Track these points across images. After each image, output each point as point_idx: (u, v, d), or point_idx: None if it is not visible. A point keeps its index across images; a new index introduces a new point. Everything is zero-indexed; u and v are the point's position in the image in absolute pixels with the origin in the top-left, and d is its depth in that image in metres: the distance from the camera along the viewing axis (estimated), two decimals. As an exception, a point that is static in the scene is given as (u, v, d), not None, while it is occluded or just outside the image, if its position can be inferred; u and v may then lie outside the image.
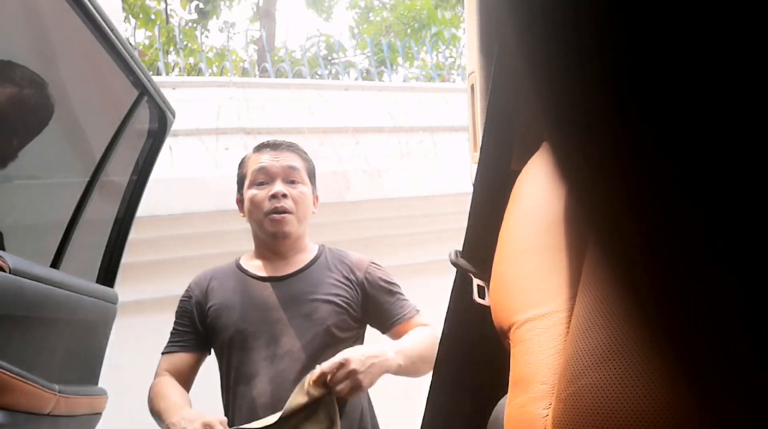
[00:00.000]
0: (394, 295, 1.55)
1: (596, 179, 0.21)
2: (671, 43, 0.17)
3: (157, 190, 2.45)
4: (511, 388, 0.48)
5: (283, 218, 1.51)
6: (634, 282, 0.23)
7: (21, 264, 1.08)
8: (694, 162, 0.18)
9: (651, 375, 0.35)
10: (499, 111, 0.69)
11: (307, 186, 1.57)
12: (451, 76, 5.02)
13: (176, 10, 8.20)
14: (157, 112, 1.65)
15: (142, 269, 2.78)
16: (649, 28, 0.17)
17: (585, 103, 0.20)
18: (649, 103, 0.18)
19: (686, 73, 0.17)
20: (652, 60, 0.17)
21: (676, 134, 0.18)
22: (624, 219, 0.21)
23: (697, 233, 0.19)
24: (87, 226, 1.52)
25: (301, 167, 1.57)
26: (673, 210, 0.19)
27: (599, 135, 0.20)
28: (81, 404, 1.38)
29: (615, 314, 0.39)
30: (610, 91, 0.19)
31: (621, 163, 0.20)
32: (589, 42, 0.19)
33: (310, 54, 5.90)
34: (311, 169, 1.62)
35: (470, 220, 0.72)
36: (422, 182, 3.39)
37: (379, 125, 3.52)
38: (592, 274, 0.44)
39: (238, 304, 1.49)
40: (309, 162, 1.62)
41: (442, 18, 7.28)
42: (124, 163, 1.65)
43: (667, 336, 0.22)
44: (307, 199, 1.56)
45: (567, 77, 0.20)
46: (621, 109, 0.19)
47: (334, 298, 1.49)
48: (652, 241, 0.21)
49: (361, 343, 1.55)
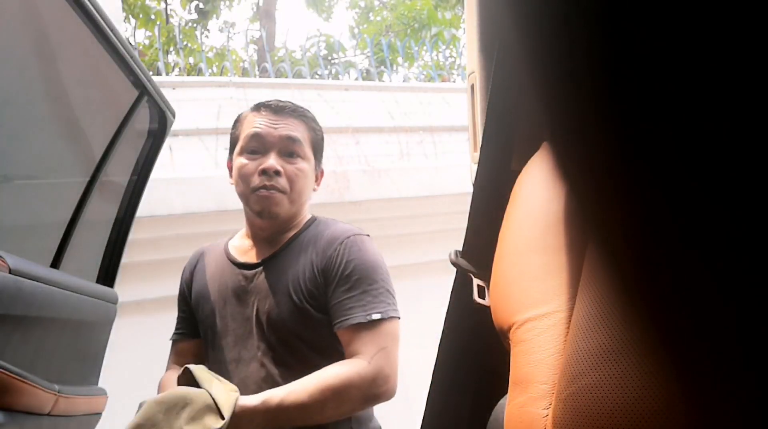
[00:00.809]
0: (355, 287, 1.19)
1: (596, 180, 0.21)
2: (670, 45, 0.17)
3: (157, 190, 2.45)
4: (511, 388, 0.48)
5: (272, 196, 1.26)
6: (633, 283, 0.23)
7: (21, 264, 1.08)
8: (694, 163, 0.18)
9: (650, 375, 0.35)
10: (499, 111, 0.69)
11: (308, 161, 1.30)
12: (451, 76, 5.02)
13: (176, 10, 8.20)
14: (157, 112, 1.65)
15: (142, 269, 2.78)
16: (647, 29, 0.17)
17: (584, 103, 0.20)
18: (649, 104, 0.18)
19: (685, 75, 0.17)
20: (651, 61, 0.17)
21: (677, 135, 0.18)
22: (623, 220, 0.21)
23: (696, 235, 0.19)
24: (87, 226, 1.52)
25: (303, 138, 1.30)
26: (672, 211, 0.19)
27: (599, 135, 0.20)
28: (81, 404, 1.37)
29: (615, 315, 0.39)
30: (610, 92, 0.19)
31: (621, 164, 0.20)
32: (588, 43, 0.19)
33: (310, 54, 5.90)
34: (317, 139, 1.34)
35: (470, 220, 0.72)
36: (422, 182, 3.39)
37: (379, 125, 3.52)
38: (592, 274, 0.44)
39: (215, 294, 1.30)
40: (316, 131, 1.34)
41: (442, 18, 7.28)
42: (124, 163, 1.65)
43: (665, 337, 0.22)
44: (305, 177, 1.29)
45: (567, 78, 0.20)
46: (621, 110, 0.19)
47: (293, 293, 1.21)
48: (651, 242, 0.21)
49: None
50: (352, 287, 1.20)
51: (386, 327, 1.19)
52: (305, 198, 1.32)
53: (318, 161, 1.36)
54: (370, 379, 1.14)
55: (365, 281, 1.20)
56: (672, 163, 0.18)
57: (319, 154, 1.36)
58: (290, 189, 1.27)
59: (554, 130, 0.22)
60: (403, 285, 1.58)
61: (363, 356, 1.15)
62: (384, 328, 1.18)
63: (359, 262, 1.22)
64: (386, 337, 1.18)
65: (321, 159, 1.37)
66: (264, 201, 1.26)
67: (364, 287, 1.20)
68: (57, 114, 1.46)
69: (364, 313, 1.17)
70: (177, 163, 2.91)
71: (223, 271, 1.31)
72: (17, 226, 1.40)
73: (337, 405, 1.13)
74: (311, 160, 1.32)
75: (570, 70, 0.20)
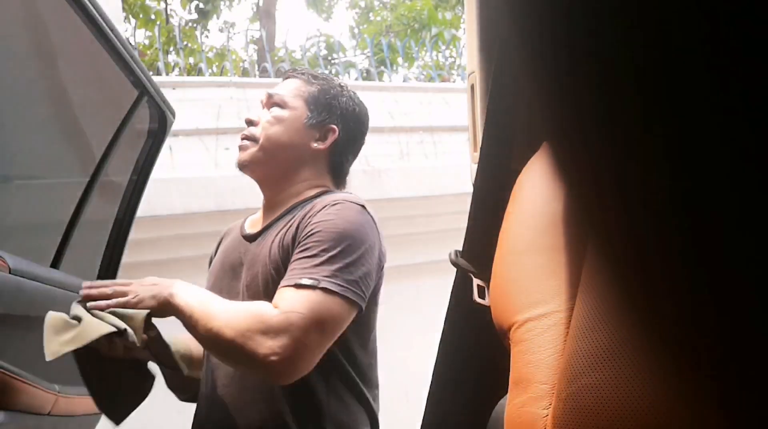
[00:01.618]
0: (308, 250, 1.04)
1: (595, 180, 0.21)
2: (670, 45, 0.17)
3: (157, 190, 2.45)
4: (511, 388, 0.48)
5: (242, 145, 1.20)
6: (632, 283, 0.23)
7: (21, 264, 1.08)
8: (694, 164, 0.18)
9: (650, 375, 0.35)
10: (499, 111, 0.69)
11: (290, 109, 1.21)
12: (451, 76, 5.02)
13: (176, 10, 8.20)
14: (156, 112, 1.65)
15: (142, 269, 2.78)
16: (648, 30, 0.17)
17: (584, 104, 0.20)
18: (650, 105, 0.18)
19: (685, 75, 0.17)
20: (651, 62, 0.17)
21: (677, 136, 0.18)
22: (623, 220, 0.21)
23: (695, 236, 0.19)
24: (87, 226, 1.52)
25: (291, 92, 1.23)
26: (672, 212, 0.19)
27: (599, 136, 0.20)
28: (81, 404, 1.38)
29: (614, 315, 0.39)
30: (609, 93, 0.19)
31: (620, 164, 0.20)
32: (588, 43, 0.19)
33: (310, 54, 5.90)
34: (314, 93, 1.23)
35: (470, 220, 0.72)
36: (422, 182, 3.39)
37: (379, 125, 3.53)
38: (592, 274, 0.44)
39: (220, 269, 1.22)
40: (313, 85, 1.24)
41: (443, 18, 7.29)
42: (124, 163, 1.65)
43: (665, 337, 0.22)
44: (279, 123, 1.19)
45: (567, 78, 0.20)
46: (621, 111, 0.19)
47: (269, 262, 1.10)
48: (650, 242, 0.21)
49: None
50: (305, 250, 1.04)
51: (318, 298, 0.99)
52: (283, 143, 1.20)
53: (317, 113, 1.21)
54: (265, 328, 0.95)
55: (320, 246, 1.03)
56: (672, 165, 0.18)
57: (317, 106, 1.22)
58: (261, 135, 1.18)
59: (554, 131, 0.22)
60: (403, 285, 1.57)
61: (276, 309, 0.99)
62: (314, 297, 0.99)
63: (326, 226, 1.05)
64: (312, 307, 0.98)
65: (329, 113, 1.22)
66: (239, 152, 1.20)
67: (316, 251, 1.03)
68: (57, 114, 1.46)
69: (297, 278, 1.00)
70: (177, 163, 2.91)
71: (233, 245, 1.23)
72: (17, 226, 1.40)
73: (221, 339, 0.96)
74: (297, 109, 1.21)
75: (570, 71, 0.20)
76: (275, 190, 1.21)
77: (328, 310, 0.99)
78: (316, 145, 1.21)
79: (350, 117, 1.25)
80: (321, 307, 0.98)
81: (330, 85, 1.25)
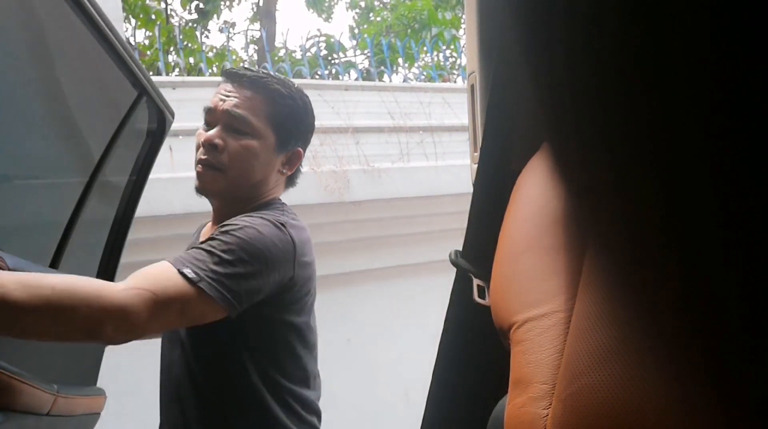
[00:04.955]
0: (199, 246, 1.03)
1: (595, 181, 0.21)
2: (671, 45, 0.17)
3: (157, 190, 2.45)
4: (511, 388, 0.47)
5: (205, 174, 1.13)
6: (632, 283, 0.23)
7: (20, 264, 1.08)
8: (694, 163, 0.18)
9: (651, 376, 0.35)
10: (499, 111, 0.69)
11: (260, 139, 1.14)
12: (452, 76, 5.03)
13: (176, 10, 8.20)
14: (156, 112, 1.65)
15: (142, 269, 2.78)
16: (650, 30, 0.17)
17: (584, 104, 0.20)
18: (650, 105, 0.18)
19: (685, 75, 0.17)
20: (652, 63, 0.17)
21: (677, 136, 0.18)
22: (623, 220, 0.21)
23: (696, 236, 0.19)
24: (86, 226, 1.52)
25: (255, 113, 1.13)
26: (671, 212, 0.19)
27: (598, 136, 0.20)
28: (80, 404, 1.37)
29: (615, 315, 0.39)
30: (609, 93, 0.19)
31: (620, 165, 0.20)
32: (588, 44, 0.19)
33: (310, 54, 5.90)
34: (281, 115, 1.15)
35: (470, 220, 0.72)
36: (422, 182, 3.39)
37: (379, 125, 3.53)
38: (592, 274, 0.44)
39: None
40: (280, 105, 1.16)
41: (443, 19, 7.29)
42: (123, 164, 1.65)
43: (665, 336, 0.22)
44: (252, 156, 1.13)
45: (567, 79, 0.20)
46: (620, 111, 0.19)
47: None
48: (650, 242, 0.21)
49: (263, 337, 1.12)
50: (198, 245, 1.03)
51: (176, 282, 0.95)
52: (255, 179, 1.16)
53: (286, 140, 1.17)
54: (109, 306, 0.89)
55: (212, 243, 1.02)
56: (672, 165, 0.18)
57: (285, 132, 1.17)
58: (229, 166, 1.12)
59: (553, 131, 0.22)
60: (402, 285, 1.57)
61: (122, 283, 0.94)
62: (173, 280, 0.95)
63: (234, 236, 1.02)
64: (166, 287, 0.94)
65: (296, 138, 1.19)
66: (199, 178, 1.15)
67: (205, 247, 1.01)
68: (56, 114, 1.46)
69: (182, 264, 0.97)
70: (177, 163, 2.91)
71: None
72: (17, 226, 1.40)
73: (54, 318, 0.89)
74: (267, 137, 1.15)
75: (570, 71, 0.20)
76: (230, 205, 1.18)
77: (185, 296, 0.96)
78: (284, 170, 1.21)
79: (310, 131, 1.25)
80: (179, 293, 0.95)
81: (293, 103, 1.19)
